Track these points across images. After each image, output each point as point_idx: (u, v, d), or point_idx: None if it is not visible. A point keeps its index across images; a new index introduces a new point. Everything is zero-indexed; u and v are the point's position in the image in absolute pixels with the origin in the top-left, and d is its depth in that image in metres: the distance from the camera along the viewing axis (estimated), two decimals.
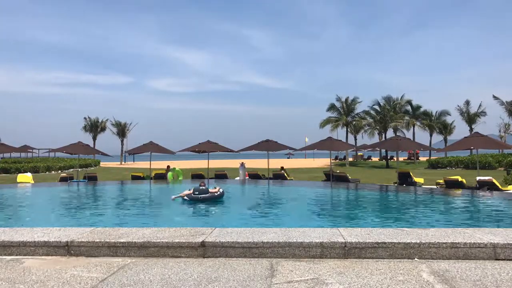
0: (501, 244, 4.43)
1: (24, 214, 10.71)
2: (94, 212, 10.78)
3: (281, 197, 14.60)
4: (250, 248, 4.62)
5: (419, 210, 10.92)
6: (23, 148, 40.44)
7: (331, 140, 20.31)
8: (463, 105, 59.15)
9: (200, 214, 10.17)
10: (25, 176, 21.80)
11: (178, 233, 5.06)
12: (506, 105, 55.44)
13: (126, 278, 3.91)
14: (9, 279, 3.92)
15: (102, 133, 69.40)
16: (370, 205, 12.10)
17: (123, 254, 4.72)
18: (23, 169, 34.50)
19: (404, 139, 21.43)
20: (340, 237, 4.71)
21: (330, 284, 3.67)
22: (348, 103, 56.67)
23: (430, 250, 4.48)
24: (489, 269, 4.04)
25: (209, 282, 3.75)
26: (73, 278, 3.92)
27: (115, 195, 16.13)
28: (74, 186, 18.90)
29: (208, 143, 21.78)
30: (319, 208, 11.63)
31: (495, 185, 14.76)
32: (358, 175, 25.93)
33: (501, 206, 11.03)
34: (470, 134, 22.28)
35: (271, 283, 3.73)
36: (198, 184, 12.13)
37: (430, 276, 3.86)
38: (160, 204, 12.72)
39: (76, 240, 4.82)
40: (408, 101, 56.45)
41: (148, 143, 21.96)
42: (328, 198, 14.48)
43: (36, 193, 16.75)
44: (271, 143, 20.93)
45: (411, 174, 18.34)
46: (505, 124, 59.94)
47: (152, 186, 18.82)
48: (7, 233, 5.20)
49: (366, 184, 19.29)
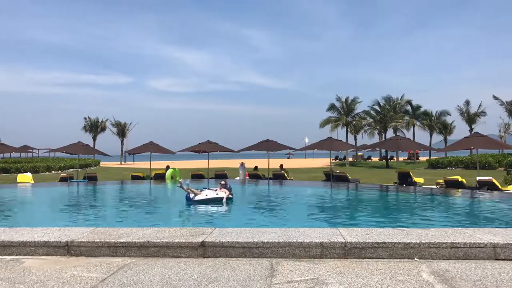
0: (501, 244, 4.43)
1: (24, 214, 10.71)
2: (94, 212, 10.78)
3: (281, 197, 14.59)
4: (250, 248, 4.62)
5: (419, 210, 10.92)
6: (23, 148, 40.42)
7: (331, 140, 20.32)
8: (463, 105, 59.25)
9: (200, 214, 10.16)
10: (25, 176, 21.80)
11: (178, 233, 5.06)
12: (506, 105, 55.46)
13: (126, 278, 3.91)
14: (9, 279, 3.92)
15: (102, 133, 69.51)
16: (370, 205, 12.10)
17: (123, 254, 4.72)
18: (23, 169, 34.51)
19: (404, 139, 21.44)
20: (340, 237, 4.71)
21: (330, 284, 3.67)
22: (348, 103, 56.70)
23: (430, 250, 4.48)
24: (489, 269, 4.04)
25: (209, 282, 3.75)
26: (73, 278, 3.92)
27: (115, 195, 16.12)
28: (74, 186, 18.90)
29: (208, 143, 21.78)
30: (319, 208, 11.62)
31: (495, 185, 14.76)
32: (358, 175, 25.94)
33: (501, 206, 11.02)
34: (470, 134, 22.29)
35: (271, 283, 3.73)
36: (215, 189, 11.35)
37: (430, 276, 3.86)
38: (160, 204, 12.72)
39: (76, 240, 4.82)
40: (408, 101, 56.49)
41: (148, 143, 21.96)
42: (328, 198, 14.47)
43: (36, 193, 16.75)
44: (271, 143, 20.93)
45: (411, 174, 18.35)
46: (505, 124, 60.03)
47: (152, 186, 18.82)
48: (7, 233, 5.20)
49: (366, 184, 19.29)
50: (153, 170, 23.12)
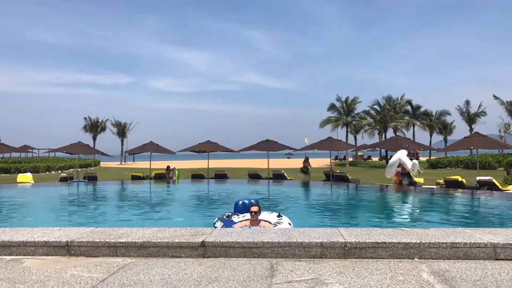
0: (501, 244, 4.43)
1: (24, 214, 10.71)
2: (94, 212, 10.79)
3: (281, 197, 14.59)
4: (250, 248, 4.62)
5: (419, 210, 10.92)
6: (23, 148, 40.49)
7: (331, 140, 20.32)
8: (463, 105, 59.18)
9: (200, 214, 10.16)
10: (25, 176, 21.81)
11: (178, 233, 5.06)
12: (506, 105, 55.39)
13: (126, 278, 3.91)
14: (9, 279, 3.92)
15: (102, 133, 69.37)
16: (370, 205, 12.10)
17: (123, 254, 4.72)
18: (23, 169, 34.48)
19: (404, 139, 21.44)
20: (340, 237, 4.70)
21: (330, 284, 3.67)
22: (348, 103, 56.66)
23: (430, 250, 4.47)
24: (489, 269, 4.04)
25: (209, 282, 3.75)
26: (73, 278, 3.92)
27: (115, 195, 16.13)
28: (74, 186, 18.90)
29: (208, 143, 21.80)
30: (319, 208, 11.62)
31: (495, 185, 14.76)
32: (358, 175, 25.93)
33: (501, 206, 11.02)
34: (470, 134, 22.27)
35: (271, 283, 3.72)
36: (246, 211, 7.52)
37: (430, 276, 3.86)
38: (160, 204, 12.72)
39: (76, 240, 4.81)
40: (408, 101, 56.49)
41: (148, 143, 21.97)
42: (328, 198, 14.47)
43: (36, 193, 16.75)
44: (271, 143, 20.93)
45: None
46: (505, 124, 59.93)
47: (152, 186, 18.82)
48: (7, 233, 5.20)
49: (366, 184, 19.28)
50: (153, 170, 23.13)
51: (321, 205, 12.50)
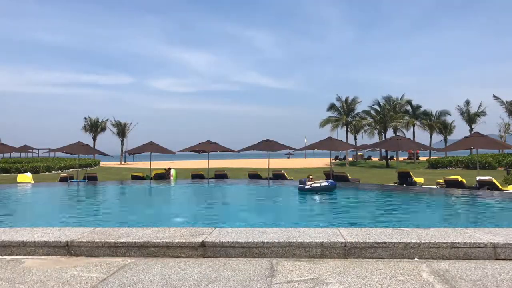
0: (501, 244, 4.43)
1: (24, 214, 10.71)
2: (94, 212, 10.79)
3: (281, 197, 14.59)
4: (250, 248, 4.62)
5: (419, 210, 10.92)
6: (23, 148, 40.43)
7: (331, 140, 20.30)
8: (463, 105, 59.11)
9: (200, 214, 10.16)
10: (25, 176, 21.79)
11: (178, 233, 5.06)
12: (506, 105, 55.36)
13: (126, 278, 3.91)
14: (9, 279, 3.92)
15: (102, 133, 69.31)
16: (370, 205, 12.10)
17: (123, 254, 4.72)
18: (23, 169, 34.47)
19: (404, 139, 21.43)
20: (340, 237, 4.70)
21: (330, 284, 3.67)
22: (348, 103, 56.63)
23: (430, 250, 4.47)
24: (489, 269, 4.04)
25: (209, 282, 3.75)
26: (73, 278, 3.92)
27: (115, 195, 16.13)
28: (74, 186, 18.89)
29: (208, 143, 21.78)
30: (319, 208, 11.62)
31: (495, 185, 14.75)
32: (358, 175, 25.91)
33: (501, 206, 11.02)
34: (470, 134, 22.27)
35: (271, 283, 3.72)
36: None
37: (430, 276, 3.86)
38: (161, 204, 12.72)
39: (76, 240, 4.81)
40: (408, 101, 56.41)
41: (148, 143, 21.96)
42: (328, 198, 14.47)
43: (36, 193, 16.75)
44: (271, 143, 20.91)
45: (411, 174, 18.33)
46: (505, 124, 59.81)
47: (152, 186, 18.82)
48: (7, 233, 5.20)
49: (366, 184, 19.27)
50: (153, 170, 23.12)
51: (321, 205, 12.50)
